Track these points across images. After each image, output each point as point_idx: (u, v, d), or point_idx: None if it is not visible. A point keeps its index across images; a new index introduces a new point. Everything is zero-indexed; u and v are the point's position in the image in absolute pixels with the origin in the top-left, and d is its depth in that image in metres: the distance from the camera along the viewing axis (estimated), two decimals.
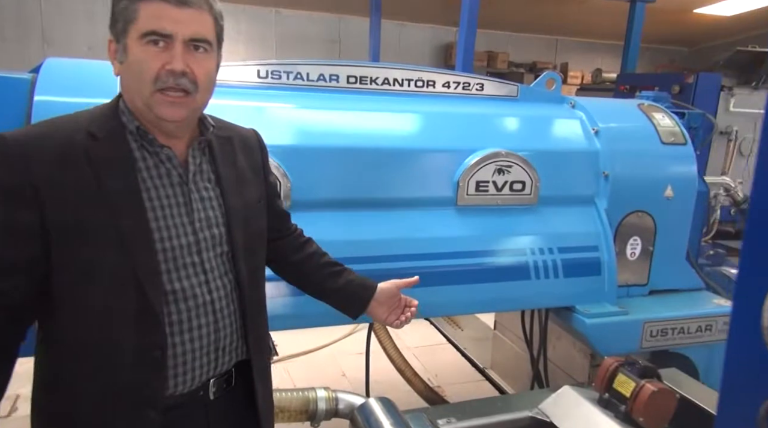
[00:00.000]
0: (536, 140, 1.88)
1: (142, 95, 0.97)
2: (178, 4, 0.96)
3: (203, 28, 0.99)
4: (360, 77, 1.81)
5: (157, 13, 0.95)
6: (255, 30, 7.24)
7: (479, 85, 1.95)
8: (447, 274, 1.72)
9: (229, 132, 1.18)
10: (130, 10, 0.96)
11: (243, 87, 1.69)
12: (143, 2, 0.95)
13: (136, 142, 1.01)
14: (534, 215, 1.84)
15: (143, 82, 0.96)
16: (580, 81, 7.77)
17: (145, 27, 0.95)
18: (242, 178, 1.15)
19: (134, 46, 0.96)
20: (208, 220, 1.07)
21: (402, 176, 1.71)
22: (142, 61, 0.95)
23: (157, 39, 0.95)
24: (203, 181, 1.08)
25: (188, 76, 0.97)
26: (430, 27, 7.94)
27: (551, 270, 1.79)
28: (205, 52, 1.00)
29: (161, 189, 1.02)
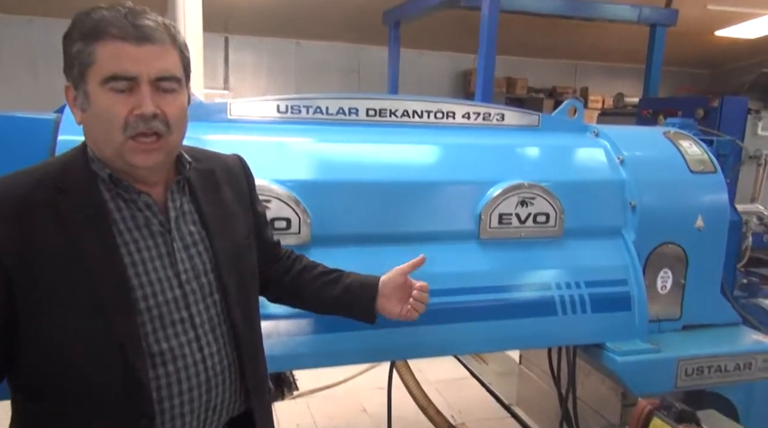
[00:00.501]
0: (559, 170, 1.84)
1: (113, 144, 0.89)
2: (138, 41, 0.88)
3: (169, 64, 0.92)
4: (379, 110, 1.80)
5: (117, 53, 0.87)
6: (276, 61, 7.38)
7: (499, 115, 1.93)
8: (470, 310, 1.67)
9: (210, 163, 1.10)
10: (85, 54, 0.88)
11: (263, 122, 1.69)
12: (99, 43, 0.87)
13: (109, 192, 0.93)
14: (559, 248, 1.79)
15: (112, 131, 0.88)
16: (601, 105, 7.72)
17: (105, 71, 0.87)
18: (228, 214, 1.08)
19: (96, 93, 0.88)
20: (195, 269, 0.99)
21: (423, 209, 1.68)
22: (107, 108, 0.88)
23: (122, 85, 0.88)
24: (186, 225, 1.00)
25: (159, 117, 0.90)
26: (448, 54, 8.00)
27: (578, 306, 1.73)
28: (174, 91, 0.93)
29: (141, 241, 0.94)
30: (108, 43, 0.87)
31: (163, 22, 0.93)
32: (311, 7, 5.88)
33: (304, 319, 1.48)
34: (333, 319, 1.41)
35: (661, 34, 4.89)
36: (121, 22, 0.87)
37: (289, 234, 1.52)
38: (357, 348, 1.56)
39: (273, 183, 1.51)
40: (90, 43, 0.87)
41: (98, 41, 0.87)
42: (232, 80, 7.26)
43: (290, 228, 1.52)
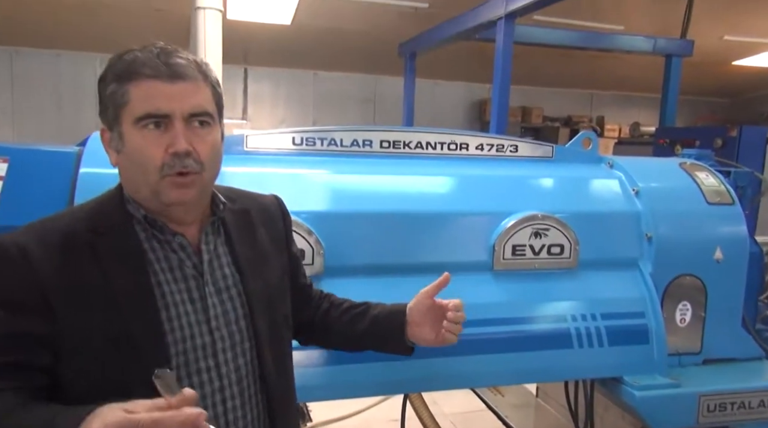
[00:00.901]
0: (573, 202, 1.84)
1: (149, 184, 0.89)
2: (171, 78, 0.88)
3: (202, 100, 0.92)
4: (393, 141, 1.82)
5: (150, 92, 0.88)
6: (294, 91, 7.53)
7: (513, 146, 1.94)
8: (485, 342, 1.65)
9: (246, 203, 1.09)
10: (119, 95, 0.89)
11: (279, 154, 1.72)
12: (132, 83, 0.88)
13: (144, 232, 0.93)
14: (574, 279, 1.77)
15: (148, 172, 0.88)
16: (618, 134, 7.71)
17: (139, 111, 0.87)
18: (263, 255, 1.06)
19: (131, 133, 0.89)
20: (226, 316, 0.96)
21: (436, 240, 1.69)
22: (142, 148, 0.88)
23: (155, 121, 0.88)
24: (221, 268, 0.99)
25: (192, 155, 0.90)
26: (463, 84, 8.09)
27: (595, 338, 1.70)
28: (208, 126, 0.93)
29: (173, 284, 0.92)
30: (141, 82, 0.88)
31: (194, 59, 0.94)
32: (328, 39, 6.02)
33: (317, 351, 1.47)
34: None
35: (677, 65, 4.90)
36: (153, 61, 0.88)
37: (303, 265, 1.53)
38: (371, 380, 1.55)
39: None
40: (123, 84, 0.88)
41: (131, 82, 0.88)
42: (251, 110, 7.42)
43: (303, 259, 1.53)
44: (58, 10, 5.02)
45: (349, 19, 5.26)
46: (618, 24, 5.31)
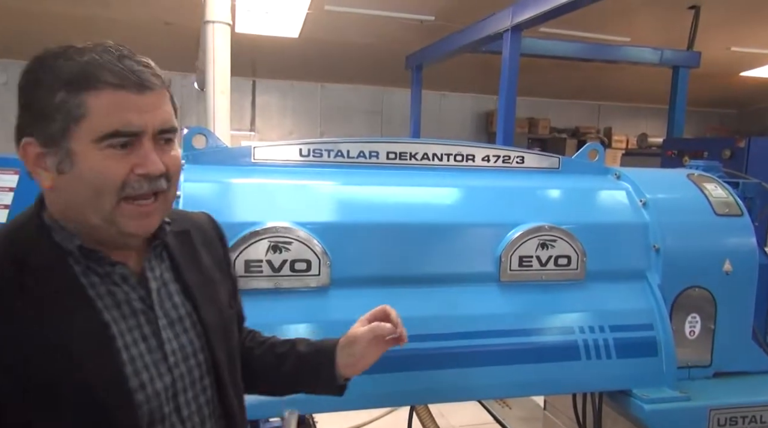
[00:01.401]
0: (580, 213, 1.83)
1: (102, 211, 0.75)
2: (139, 89, 0.75)
3: (169, 114, 0.80)
4: (399, 153, 1.83)
5: (118, 104, 0.73)
6: (301, 103, 7.59)
7: (519, 157, 1.94)
8: (492, 354, 1.64)
9: (183, 224, 0.95)
10: (72, 105, 0.72)
11: (286, 166, 1.73)
12: (91, 92, 0.73)
13: (78, 264, 0.77)
14: (581, 291, 1.76)
15: (104, 194, 0.75)
16: (625, 145, 7.70)
17: (104, 127, 0.73)
18: (211, 280, 0.94)
19: (87, 152, 0.73)
20: (183, 350, 0.85)
21: (443, 251, 1.68)
22: (102, 169, 0.74)
23: (124, 141, 0.74)
24: (169, 298, 0.86)
25: (165, 175, 0.79)
26: (470, 96, 8.12)
27: (603, 350, 1.69)
28: (172, 142, 0.82)
29: (122, 321, 0.79)
30: (103, 92, 0.73)
31: (152, 64, 0.80)
32: (336, 52, 6.07)
33: None
34: None
35: (684, 76, 4.90)
36: (116, 66, 0.74)
37: (309, 276, 1.53)
38: (377, 391, 1.55)
39: (293, 225, 1.54)
40: (78, 93, 0.72)
41: (89, 90, 0.73)
42: (259, 122, 7.47)
43: (310, 270, 1.53)
44: (67, 25, 5.10)
45: (356, 31, 5.31)
46: (624, 36, 5.32)
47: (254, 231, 1.49)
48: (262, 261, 1.49)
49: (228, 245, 1.08)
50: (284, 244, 1.50)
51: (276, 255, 1.50)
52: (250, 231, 1.49)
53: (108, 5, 4.66)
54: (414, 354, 1.55)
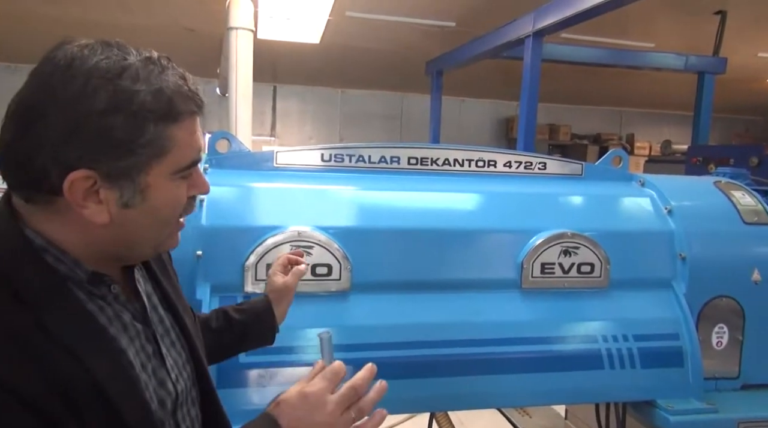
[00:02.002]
0: (604, 220, 1.81)
1: (159, 238, 0.74)
2: (202, 110, 0.72)
3: None
4: (421, 158, 1.83)
5: (194, 133, 0.70)
6: (321, 109, 7.64)
7: (542, 163, 1.92)
8: (513, 361, 1.62)
9: None
10: (162, 139, 0.66)
11: (308, 170, 1.74)
12: (176, 125, 0.67)
13: (81, 289, 0.69)
14: (605, 299, 1.73)
15: (170, 224, 0.73)
16: (648, 152, 7.60)
17: (186, 159, 0.69)
18: (177, 286, 0.90)
19: (163, 186, 0.69)
20: (177, 362, 0.81)
21: (464, 257, 1.67)
22: (175, 200, 0.71)
23: (192, 170, 0.72)
24: (155, 311, 0.81)
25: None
26: (490, 102, 8.10)
27: (627, 360, 1.66)
28: None
29: (130, 345, 0.72)
30: (185, 122, 0.68)
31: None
32: (356, 58, 6.10)
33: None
34: None
35: (710, 82, 4.82)
36: (183, 88, 0.69)
37: (330, 280, 1.54)
38: (395, 398, 1.52)
39: (315, 229, 1.54)
40: (168, 126, 0.67)
41: (176, 123, 0.67)
42: (279, 127, 7.54)
43: (331, 274, 1.53)
44: (91, 32, 5.20)
45: (376, 38, 5.33)
46: (648, 41, 5.26)
47: (276, 235, 1.50)
48: None
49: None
50: (306, 248, 1.51)
51: None
52: (272, 235, 1.50)
53: (131, 11, 4.75)
54: (434, 361, 1.54)
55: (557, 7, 3.42)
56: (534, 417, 2.95)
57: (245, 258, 1.48)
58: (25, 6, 4.52)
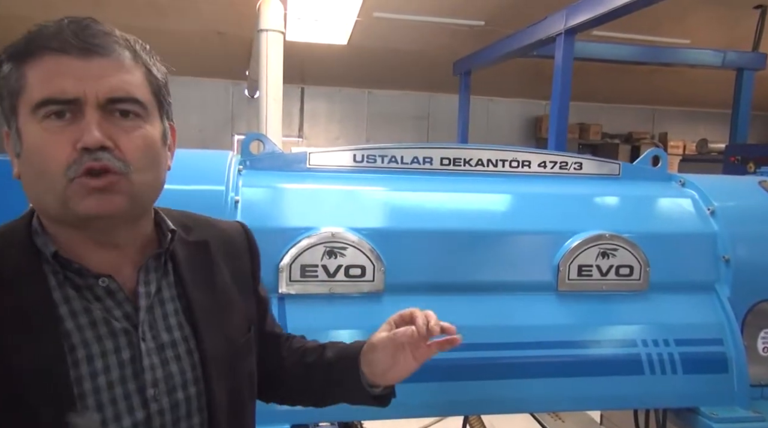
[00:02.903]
0: (643, 221, 1.76)
1: (54, 193, 0.66)
2: (83, 53, 0.65)
3: (126, 83, 0.68)
4: (453, 159, 1.81)
5: (52, 70, 0.64)
6: (348, 109, 7.67)
7: (577, 163, 1.88)
8: (549, 365, 1.59)
9: (203, 233, 0.84)
10: (14, 78, 0.66)
11: (340, 171, 1.74)
12: (31, 61, 0.65)
13: (55, 276, 0.68)
14: (645, 302, 1.69)
15: (51, 173, 0.65)
16: (682, 151, 7.42)
17: (38, 94, 0.65)
18: (226, 302, 0.82)
19: (28, 127, 0.66)
20: (169, 381, 0.72)
21: (498, 259, 1.65)
22: (42, 145, 0.65)
23: (58, 109, 0.65)
24: (164, 318, 0.75)
25: (112, 152, 0.66)
26: (519, 101, 8.02)
27: (668, 365, 1.61)
28: (138, 118, 0.69)
29: (94, 344, 0.68)
30: (43, 60, 0.65)
31: (124, 35, 0.71)
32: (383, 58, 6.10)
33: None
34: None
35: (749, 79, 4.68)
36: (62, 32, 0.66)
37: (363, 281, 1.53)
38: (428, 400, 1.52)
39: (348, 231, 1.54)
40: (20, 65, 0.66)
41: (29, 60, 0.65)
42: (307, 128, 7.59)
43: (364, 275, 1.53)
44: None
45: (404, 38, 5.32)
46: (683, 37, 5.12)
47: (310, 236, 1.50)
48: (317, 266, 1.49)
49: (259, 259, 0.94)
50: (339, 250, 1.50)
51: (331, 260, 1.50)
52: (306, 236, 1.50)
53: (165, 16, 4.84)
54: (468, 364, 1.52)
55: (590, 5, 3.36)
56: (567, 422, 2.89)
57: (279, 259, 1.48)
58: (61, 13, 4.65)
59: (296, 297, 1.50)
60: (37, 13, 4.68)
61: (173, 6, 4.54)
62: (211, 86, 7.10)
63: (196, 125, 6.95)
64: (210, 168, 1.57)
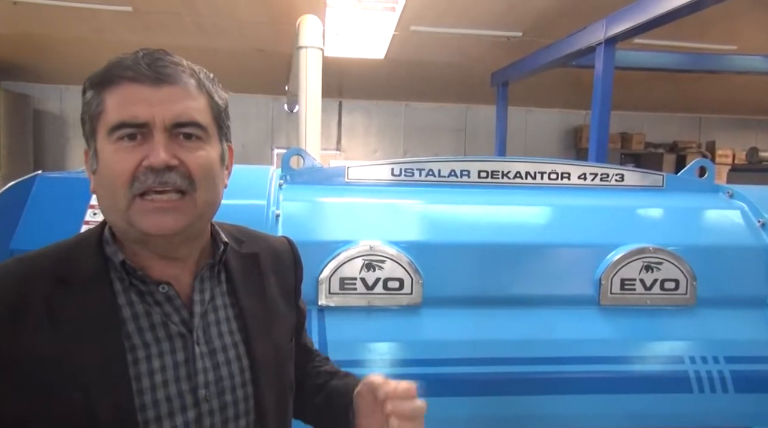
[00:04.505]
0: (689, 234, 1.71)
1: (119, 209, 0.72)
2: (155, 81, 0.73)
3: (191, 109, 0.75)
4: (491, 172, 1.81)
5: (127, 97, 0.72)
6: (385, 122, 7.72)
7: (619, 175, 1.85)
8: (590, 382, 1.56)
9: (254, 246, 0.90)
10: (95, 104, 0.74)
11: (378, 185, 1.76)
12: (109, 89, 0.73)
13: (121, 282, 0.75)
14: (692, 317, 1.63)
15: (116, 190, 0.71)
16: (731, 160, 7.14)
17: (113, 119, 0.72)
18: (273, 311, 0.87)
19: (104, 147, 0.73)
20: (219, 384, 0.77)
21: (538, 273, 1.63)
22: (113, 163, 0.72)
23: (130, 132, 0.72)
24: (217, 324, 0.80)
25: (178, 169, 0.72)
26: (557, 111, 7.90)
27: (718, 383, 1.55)
28: (199, 140, 0.75)
29: (153, 345, 0.74)
30: (119, 87, 0.73)
31: (191, 65, 0.79)
32: (420, 71, 6.13)
33: (411, 380, 1.46)
34: (438, 381, 1.38)
35: None
36: (136, 63, 0.73)
37: (402, 294, 1.54)
38: (465, 416, 1.51)
39: (386, 244, 1.55)
40: (100, 91, 0.73)
41: (108, 87, 0.73)
42: (344, 141, 7.68)
43: (403, 288, 1.54)
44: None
45: (441, 50, 5.34)
46: (730, 44, 4.96)
47: (348, 249, 1.52)
48: (356, 279, 1.51)
49: (302, 273, 0.99)
50: (378, 263, 1.52)
51: (370, 273, 1.52)
52: (345, 249, 1.52)
53: (210, 36, 5.00)
54: (507, 379, 1.51)
55: (630, 13, 3.30)
56: None
57: (319, 271, 1.51)
58: (113, 34, 4.86)
59: (335, 309, 1.52)
60: (90, 35, 4.92)
61: (218, 26, 4.69)
62: (252, 102, 7.28)
63: (239, 140, 7.13)
64: (252, 183, 1.62)
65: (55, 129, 7.08)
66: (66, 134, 7.11)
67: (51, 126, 7.06)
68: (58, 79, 6.87)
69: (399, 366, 1.46)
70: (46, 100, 7.05)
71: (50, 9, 4.23)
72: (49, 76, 6.73)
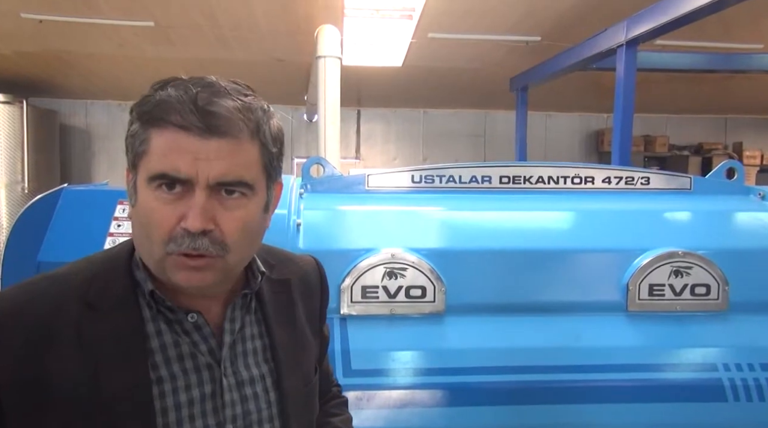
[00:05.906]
0: (719, 237, 1.67)
1: (154, 258, 0.70)
2: (203, 133, 0.67)
3: (239, 166, 0.69)
4: (513, 177, 1.79)
5: (173, 146, 0.67)
6: (404, 129, 7.72)
7: (644, 178, 1.82)
8: (619, 390, 1.52)
9: (285, 272, 0.87)
10: (138, 141, 0.70)
11: (398, 192, 1.75)
12: (155, 130, 0.68)
13: (150, 309, 0.73)
14: (724, 323, 1.59)
15: (153, 241, 0.69)
16: (760, 161, 6.96)
17: (154, 167, 0.68)
18: (302, 341, 0.84)
19: (143, 189, 0.69)
20: (247, 418, 0.75)
21: (562, 279, 1.60)
22: (151, 211, 0.68)
23: (170, 183, 0.68)
24: (244, 356, 0.77)
25: (211, 235, 0.68)
26: (578, 115, 7.81)
27: (754, 392, 1.50)
28: (242, 197, 0.71)
29: (181, 377, 0.72)
30: (165, 131, 0.68)
31: (245, 105, 0.71)
32: (438, 78, 6.12)
33: (432, 390, 1.44)
34: (462, 391, 1.36)
35: None
36: (186, 106, 0.67)
37: (424, 302, 1.52)
38: (490, 424, 1.49)
39: (408, 251, 1.54)
40: (146, 128, 0.69)
41: (154, 127, 0.69)
42: (363, 149, 7.69)
43: (425, 296, 1.52)
44: (193, 68, 5.61)
45: (459, 57, 5.32)
46: (756, 42, 4.85)
47: (370, 257, 1.51)
48: (378, 287, 1.50)
49: (328, 297, 0.96)
50: (399, 270, 1.51)
51: (392, 281, 1.51)
52: (366, 257, 1.51)
53: (230, 48, 5.07)
54: (533, 387, 1.48)
55: (651, 14, 3.25)
56: None
57: (341, 280, 1.50)
58: (136, 49, 4.96)
59: (357, 318, 1.51)
60: (114, 50, 5.03)
61: (238, 38, 4.76)
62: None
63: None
64: None
65: (80, 143, 7.23)
66: (92, 148, 7.26)
67: (77, 140, 7.22)
68: (83, 94, 7.03)
69: (422, 375, 1.44)
70: (72, 115, 7.21)
71: (74, 26, 4.33)
72: (75, 92, 6.89)
